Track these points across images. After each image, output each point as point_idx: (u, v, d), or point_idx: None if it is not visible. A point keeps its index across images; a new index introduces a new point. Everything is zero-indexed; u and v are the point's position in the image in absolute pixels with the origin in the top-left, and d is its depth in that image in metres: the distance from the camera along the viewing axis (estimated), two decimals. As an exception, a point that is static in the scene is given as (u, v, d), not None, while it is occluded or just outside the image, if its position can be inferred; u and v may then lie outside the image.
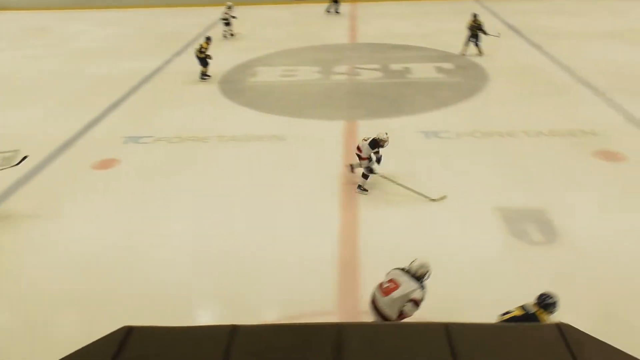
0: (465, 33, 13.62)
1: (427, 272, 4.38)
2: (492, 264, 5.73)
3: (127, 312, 4.96)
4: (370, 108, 10.39)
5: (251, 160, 8.30)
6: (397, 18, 19.03)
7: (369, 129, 9.29)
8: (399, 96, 10.98)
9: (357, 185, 7.25)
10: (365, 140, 7.11)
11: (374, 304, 4.43)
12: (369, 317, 4.52)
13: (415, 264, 4.39)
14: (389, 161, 7.49)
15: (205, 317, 5.29)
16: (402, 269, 4.44)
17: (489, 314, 4.10)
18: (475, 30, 13.41)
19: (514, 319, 3.95)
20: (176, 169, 8.05)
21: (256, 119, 10.04)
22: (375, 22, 18.45)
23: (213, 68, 12.60)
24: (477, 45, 13.53)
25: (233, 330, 2.76)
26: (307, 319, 4.86)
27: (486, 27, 13.54)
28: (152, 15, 21.20)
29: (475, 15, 13.58)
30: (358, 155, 7.20)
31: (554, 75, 11.93)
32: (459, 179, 7.44)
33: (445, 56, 13.71)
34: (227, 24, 16.51)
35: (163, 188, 7.49)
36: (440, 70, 12.62)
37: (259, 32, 17.45)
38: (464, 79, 11.93)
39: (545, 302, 3.98)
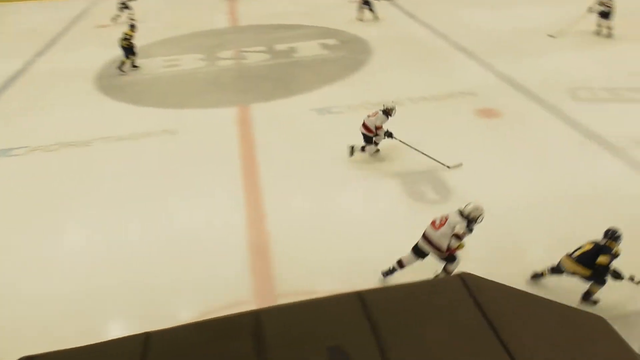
0: (346, 5, 13.92)
1: (480, 215, 4.85)
2: (396, 227, 5.97)
3: (22, 341, 4.52)
4: (261, 91, 10.27)
5: (141, 159, 7.86)
6: (276, -2, 18.89)
7: (262, 112, 9.22)
8: (287, 76, 10.97)
9: (361, 147, 7.33)
10: (372, 115, 7.26)
11: (427, 238, 4.90)
12: (286, 299, 4.53)
13: (469, 207, 4.89)
14: (288, 144, 7.48)
15: (115, 331, 4.97)
16: (459, 210, 4.91)
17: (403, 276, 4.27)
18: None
19: (585, 253, 4.60)
20: (60, 180, 7.39)
21: (142, 115, 9.49)
22: (255, 2, 18.15)
23: (83, 64, 11.68)
24: (371, 10, 14.30)
25: (146, 339, 2.60)
26: (224, 312, 4.75)
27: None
28: (2, 11, 19.04)
29: None
30: (365, 134, 7.26)
31: (431, 42, 12.59)
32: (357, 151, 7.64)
33: (328, 32, 13.89)
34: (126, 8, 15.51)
35: (49, 201, 6.86)
36: (325, 46, 12.78)
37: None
38: (348, 53, 12.19)
39: (615, 235, 4.65)
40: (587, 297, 4.77)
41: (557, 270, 4.83)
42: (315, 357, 2.21)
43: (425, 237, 4.93)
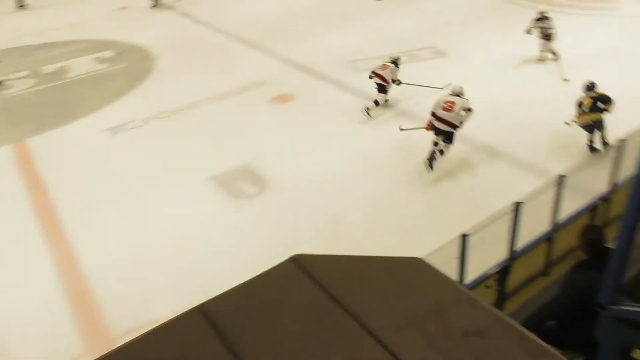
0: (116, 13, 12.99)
1: (462, 89, 6.71)
2: (224, 230, 5.88)
3: None
4: (37, 121, 9.04)
5: None
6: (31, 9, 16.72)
7: (43, 144, 8.18)
8: (65, 99, 9.86)
9: (370, 107, 7.95)
10: (382, 68, 8.12)
11: (439, 118, 6.38)
12: (125, 338, 4.12)
13: (454, 87, 6.75)
14: (84, 173, 6.76)
15: None
16: (453, 92, 6.64)
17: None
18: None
19: (591, 105, 6.50)
20: None
21: None
22: (9, 19, 15.68)
23: None
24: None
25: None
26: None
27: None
28: None
29: None
30: (381, 84, 8.00)
31: (213, 39, 12.51)
32: (161, 163, 7.26)
33: (102, 44, 12.82)
34: None
35: None
36: (101, 60, 11.77)
37: None
38: (129, 64, 11.45)
39: (591, 84, 6.70)
40: (606, 145, 6.44)
41: (588, 129, 6.53)
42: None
43: (440, 119, 6.38)
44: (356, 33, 11.75)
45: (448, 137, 6.41)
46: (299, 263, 2.42)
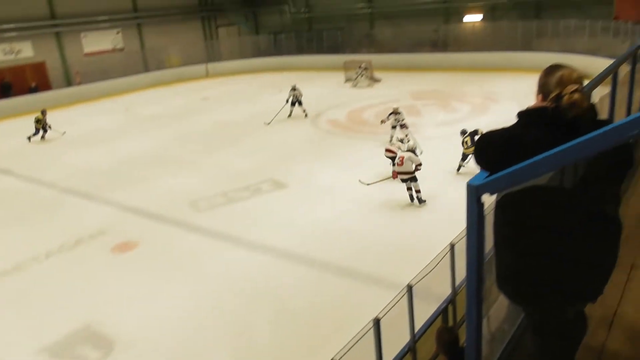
0: None
1: (415, 145, 10.32)
2: None
3: None
4: None
5: None
6: None
7: None
8: None
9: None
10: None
11: (401, 172, 8.88)
12: None
13: (409, 144, 9.98)
14: None
15: None
16: (406, 148, 9.57)
17: None
18: None
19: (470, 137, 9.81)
20: None
21: None
22: None
23: None
24: None
25: None
26: None
27: None
28: None
29: None
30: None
31: (39, 193, 11.52)
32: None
33: None
34: None
35: None
36: None
37: None
38: None
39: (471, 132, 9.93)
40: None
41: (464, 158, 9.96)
42: None
43: (399, 172, 8.89)
44: (196, 174, 11.85)
45: (413, 179, 8.90)
46: None
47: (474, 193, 1.60)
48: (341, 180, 10.45)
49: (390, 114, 12.44)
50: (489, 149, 1.87)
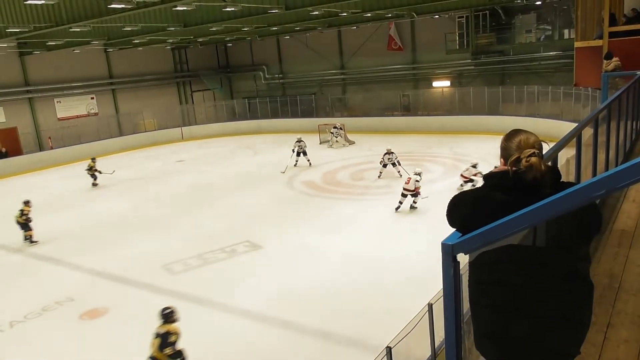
0: None
1: (419, 176, 11.82)
2: None
3: None
4: None
5: None
6: None
7: None
8: None
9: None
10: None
11: (406, 189, 11.63)
12: None
13: (415, 170, 12.05)
14: None
15: None
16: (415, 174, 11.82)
17: None
18: None
19: None
20: None
21: None
22: None
23: None
24: None
25: None
26: None
27: None
28: None
29: None
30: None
31: (1, 258, 11.12)
32: None
33: None
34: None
35: None
36: None
37: None
38: None
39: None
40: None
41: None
42: None
43: (404, 189, 11.58)
44: (170, 236, 11.66)
45: (414, 195, 11.59)
46: None
47: (450, 252, 1.65)
48: (317, 240, 10.43)
49: (385, 154, 14.77)
50: (460, 209, 1.95)
